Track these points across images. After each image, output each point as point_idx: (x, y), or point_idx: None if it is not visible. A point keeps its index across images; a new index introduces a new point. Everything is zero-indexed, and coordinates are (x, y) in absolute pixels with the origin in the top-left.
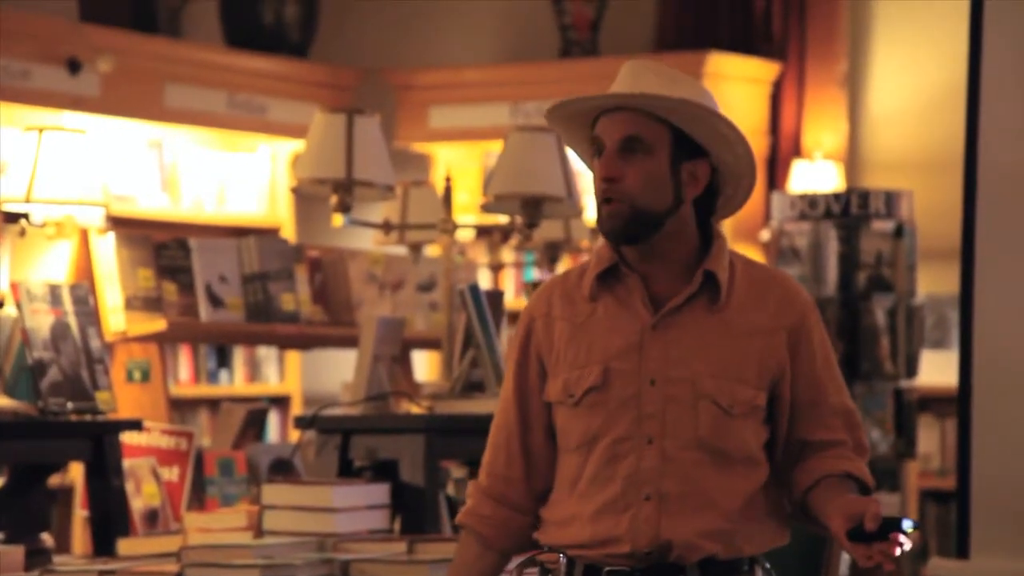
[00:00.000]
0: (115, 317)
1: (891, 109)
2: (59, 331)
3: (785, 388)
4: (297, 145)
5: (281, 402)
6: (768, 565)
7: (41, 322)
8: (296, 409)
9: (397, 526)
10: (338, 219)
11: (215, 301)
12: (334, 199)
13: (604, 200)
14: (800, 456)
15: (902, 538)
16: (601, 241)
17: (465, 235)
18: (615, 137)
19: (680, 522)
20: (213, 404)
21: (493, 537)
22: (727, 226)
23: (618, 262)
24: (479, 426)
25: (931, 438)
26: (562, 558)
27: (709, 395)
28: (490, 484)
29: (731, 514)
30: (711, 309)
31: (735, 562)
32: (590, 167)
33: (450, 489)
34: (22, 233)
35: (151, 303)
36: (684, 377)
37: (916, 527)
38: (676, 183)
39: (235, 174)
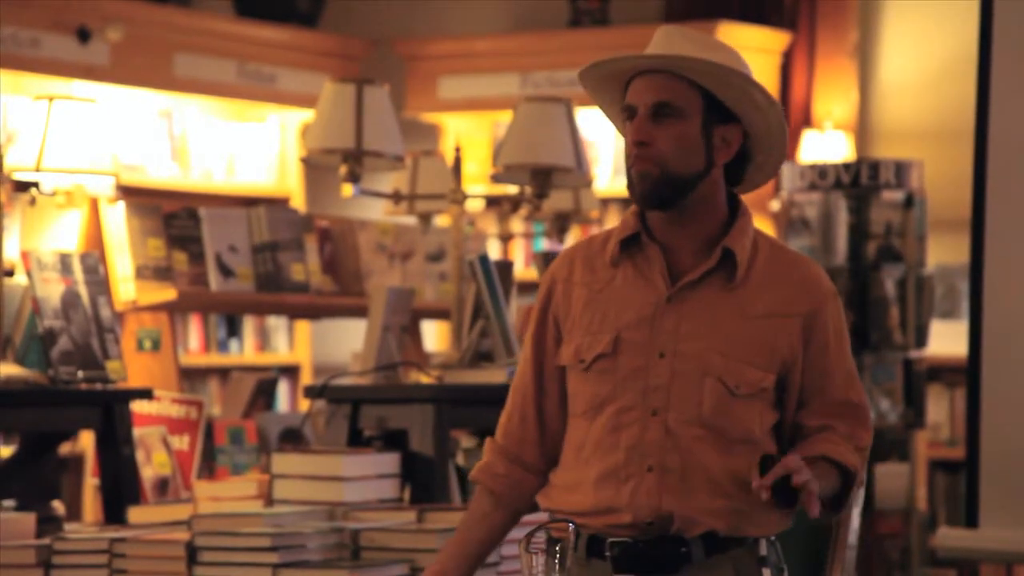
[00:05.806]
0: (125, 286)
1: (901, 79)
2: (69, 300)
3: (796, 374)
4: (307, 115)
5: (291, 371)
6: (773, 538)
7: (51, 291)
8: (306, 379)
9: (407, 495)
10: (347, 189)
11: (225, 271)
12: (343, 169)
13: (634, 163)
14: (791, 441)
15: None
16: (630, 208)
17: (474, 205)
18: (647, 102)
19: (681, 497)
20: (223, 373)
21: (505, 495)
22: None
23: (640, 231)
24: (488, 396)
25: (940, 408)
26: (571, 527)
27: (716, 373)
28: (505, 443)
29: (733, 494)
30: (727, 287)
31: (739, 538)
32: (622, 132)
33: (459, 459)
34: (32, 202)
35: (161, 272)
36: (693, 352)
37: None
38: (708, 147)
39: (245, 144)
